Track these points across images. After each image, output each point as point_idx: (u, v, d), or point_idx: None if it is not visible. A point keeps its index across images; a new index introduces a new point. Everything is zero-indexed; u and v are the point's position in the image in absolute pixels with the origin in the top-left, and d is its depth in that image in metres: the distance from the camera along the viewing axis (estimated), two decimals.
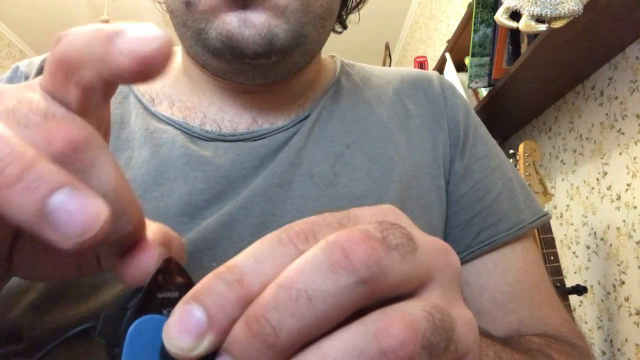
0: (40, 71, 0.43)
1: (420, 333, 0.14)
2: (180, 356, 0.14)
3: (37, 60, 0.44)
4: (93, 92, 0.17)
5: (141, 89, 0.43)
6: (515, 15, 0.89)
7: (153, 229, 0.20)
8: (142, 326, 0.15)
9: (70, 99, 0.17)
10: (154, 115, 0.41)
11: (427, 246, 0.16)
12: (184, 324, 0.14)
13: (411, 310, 0.14)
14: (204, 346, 0.14)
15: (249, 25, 0.34)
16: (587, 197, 1.21)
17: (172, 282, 0.16)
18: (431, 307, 0.14)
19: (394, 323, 0.13)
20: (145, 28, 0.16)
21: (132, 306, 0.16)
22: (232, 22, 0.34)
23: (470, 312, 0.17)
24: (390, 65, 2.86)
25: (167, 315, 0.15)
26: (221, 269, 0.15)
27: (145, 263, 0.18)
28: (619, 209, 1.09)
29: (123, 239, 0.18)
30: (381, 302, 0.14)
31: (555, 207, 1.37)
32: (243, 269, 0.15)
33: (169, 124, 0.40)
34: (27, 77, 0.43)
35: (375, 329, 0.13)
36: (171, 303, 0.16)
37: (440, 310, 0.15)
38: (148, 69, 0.16)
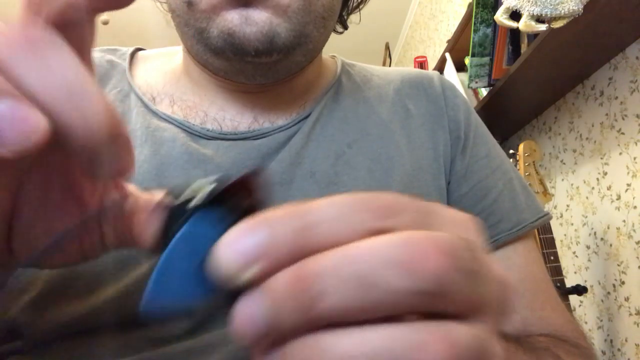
0: None
1: (458, 359, 0.13)
2: (221, 276, 0.13)
3: None
4: (67, 26, 0.16)
5: (142, 87, 0.43)
6: (515, 15, 0.89)
7: (159, 194, 0.19)
8: (193, 232, 0.14)
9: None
10: (155, 114, 0.41)
11: (494, 280, 0.15)
12: (238, 245, 0.13)
13: (457, 334, 0.13)
14: (247, 275, 0.13)
15: (250, 23, 0.34)
16: (587, 197, 1.21)
17: (243, 199, 0.15)
18: (475, 337, 0.14)
19: (437, 341, 0.13)
20: None
21: (195, 208, 0.15)
22: (234, 20, 0.34)
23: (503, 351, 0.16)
24: (390, 65, 2.86)
25: (223, 230, 0.14)
26: (296, 208, 0.14)
27: (154, 220, 0.17)
28: (619, 209, 1.09)
29: (114, 155, 0.17)
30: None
31: (555, 207, 1.37)
32: (318, 218, 0.14)
33: (169, 122, 0.40)
34: None
35: (417, 338, 0.13)
36: (233, 220, 0.15)
37: (484, 343, 0.14)
38: None
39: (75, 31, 0.17)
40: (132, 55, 0.47)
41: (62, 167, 0.20)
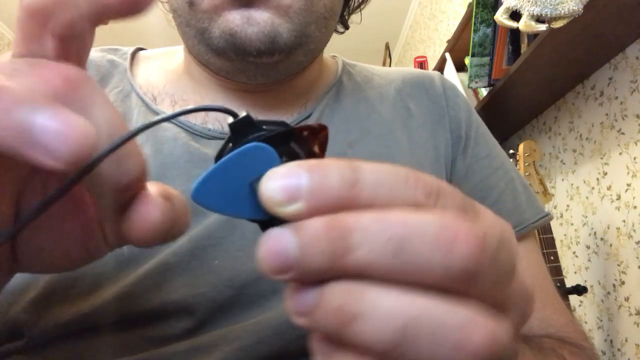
0: None
1: (499, 347, 0.13)
2: (264, 201, 0.14)
3: None
4: (72, 37, 0.16)
5: (143, 87, 0.43)
6: (515, 15, 0.89)
7: (151, 184, 0.19)
8: (259, 150, 0.15)
9: (47, 51, 0.16)
10: (156, 114, 0.41)
11: (520, 283, 0.16)
12: (286, 179, 0.14)
13: (497, 325, 0.14)
14: (288, 209, 0.14)
15: (252, 23, 0.34)
16: (587, 197, 1.21)
17: (308, 144, 0.16)
18: (507, 333, 0.14)
19: (480, 327, 0.13)
20: None
21: (267, 132, 0.16)
22: (236, 20, 0.34)
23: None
24: (390, 65, 2.86)
25: (282, 162, 0.15)
26: (346, 163, 0.15)
27: (150, 215, 0.17)
28: (619, 209, 1.09)
29: (127, 187, 0.17)
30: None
31: (555, 207, 1.37)
32: (364, 176, 0.14)
33: (170, 121, 0.40)
34: None
35: (463, 318, 0.13)
36: (293, 157, 0.16)
37: (505, 342, 0.14)
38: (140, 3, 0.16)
39: (77, 41, 0.17)
40: (133, 55, 0.47)
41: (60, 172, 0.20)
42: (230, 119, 0.16)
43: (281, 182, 0.14)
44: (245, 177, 0.15)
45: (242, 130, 0.16)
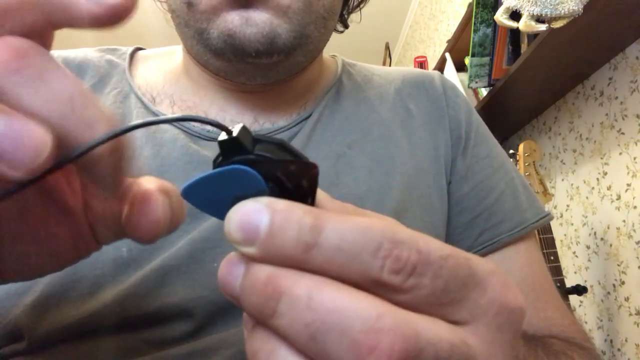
0: None
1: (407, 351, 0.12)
2: (226, 235, 0.15)
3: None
4: (31, 36, 0.15)
5: (142, 87, 0.43)
6: (515, 15, 0.89)
7: (148, 180, 0.19)
8: (242, 173, 0.15)
9: None
10: (155, 115, 0.41)
11: None
12: (247, 219, 0.14)
13: (420, 327, 0.13)
14: (244, 250, 0.14)
15: (251, 24, 0.34)
16: (587, 197, 1.21)
17: (295, 178, 0.16)
18: (447, 342, 0.13)
19: (389, 329, 0.13)
20: None
21: (254, 157, 0.16)
22: (234, 21, 0.34)
23: None
24: (390, 65, 2.86)
25: (269, 188, 0.15)
26: (312, 217, 0.14)
27: (152, 212, 0.18)
28: (619, 209, 1.09)
29: (113, 167, 0.16)
30: None
31: (555, 207, 1.37)
32: (324, 239, 0.13)
33: (170, 123, 0.40)
34: None
35: (371, 312, 0.13)
36: (278, 183, 0.16)
37: (458, 349, 0.13)
38: (116, 16, 0.15)
39: (36, 40, 0.16)
40: (132, 55, 0.47)
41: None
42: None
43: (242, 220, 0.14)
44: (229, 191, 0.16)
45: (231, 148, 0.16)
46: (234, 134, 0.16)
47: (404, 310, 0.13)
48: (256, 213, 0.14)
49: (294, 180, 0.16)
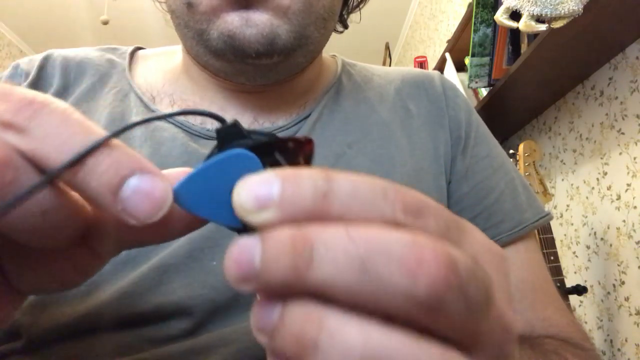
0: (40, 69, 0.43)
1: None
2: (236, 208, 0.14)
3: (37, 58, 0.44)
4: None
5: (142, 87, 0.43)
6: (515, 15, 0.89)
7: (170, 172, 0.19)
8: (242, 158, 0.15)
9: None
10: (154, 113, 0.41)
11: (498, 319, 0.14)
12: (259, 187, 0.14)
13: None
14: (258, 218, 0.14)
15: (251, 25, 0.34)
16: (587, 197, 1.21)
17: (293, 155, 0.16)
18: None
19: None
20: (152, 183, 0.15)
21: (252, 140, 0.16)
22: (234, 22, 0.34)
23: None
24: (390, 65, 2.86)
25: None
26: (321, 172, 0.14)
27: (178, 223, 0.18)
28: (619, 209, 1.09)
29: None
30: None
31: (555, 207, 1.37)
32: (337, 187, 0.14)
33: (169, 122, 0.40)
34: (27, 75, 0.42)
35: (416, 352, 0.13)
36: (277, 166, 0.16)
37: None
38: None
39: None
40: (132, 54, 0.47)
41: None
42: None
43: (253, 189, 0.14)
44: (226, 183, 0.15)
45: (228, 137, 0.16)
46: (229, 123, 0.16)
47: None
48: (266, 180, 0.14)
49: (292, 158, 0.16)
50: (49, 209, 0.15)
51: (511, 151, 1.22)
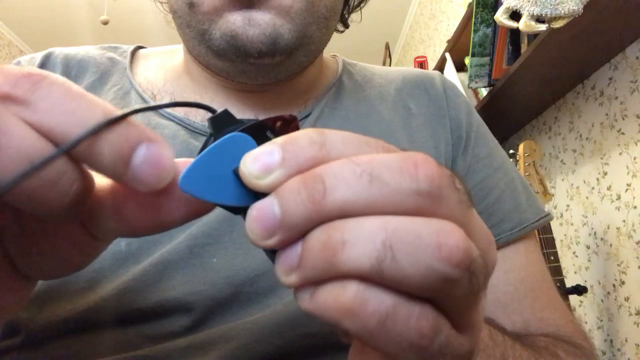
0: (41, 67, 0.43)
1: (472, 252, 0.15)
2: (245, 178, 0.16)
3: (38, 56, 0.44)
4: None
5: (143, 85, 0.43)
6: (515, 15, 0.89)
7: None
8: (238, 139, 0.17)
9: None
10: (155, 111, 0.41)
11: (481, 228, 0.17)
12: (262, 154, 0.16)
13: (456, 229, 0.15)
14: (267, 180, 0.15)
15: (253, 25, 0.34)
16: (587, 197, 1.21)
17: (282, 133, 0.18)
18: (467, 241, 0.15)
19: (449, 232, 0.14)
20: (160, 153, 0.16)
21: (245, 124, 0.18)
22: (237, 22, 0.34)
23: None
24: (390, 65, 2.86)
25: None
26: (313, 129, 0.16)
27: (180, 208, 0.18)
28: (619, 209, 1.09)
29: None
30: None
31: (555, 207, 1.37)
32: (331, 138, 0.16)
33: (170, 119, 0.40)
34: None
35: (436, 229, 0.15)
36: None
37: (476, 254, 0.15)
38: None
39: None
40: (133, 53, 0.47)
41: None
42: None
43: (258, 157, 0.16)
44: (227, 165, 0.17)
45: (221, 124, 0.17)
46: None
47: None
48: (267, 148, 0.16)
49: (281, 135, 0.17)
50: (60, 180, 0.15)
51: (511, 151, 1.22)
